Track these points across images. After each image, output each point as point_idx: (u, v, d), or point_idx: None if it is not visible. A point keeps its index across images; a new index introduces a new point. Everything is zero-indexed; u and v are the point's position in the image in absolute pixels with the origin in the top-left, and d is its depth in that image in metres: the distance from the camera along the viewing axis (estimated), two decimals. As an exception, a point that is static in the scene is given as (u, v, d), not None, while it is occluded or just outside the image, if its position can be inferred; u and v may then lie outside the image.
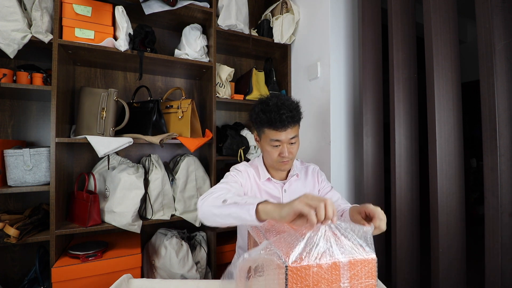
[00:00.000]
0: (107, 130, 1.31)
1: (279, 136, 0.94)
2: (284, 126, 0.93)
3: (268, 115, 0.93)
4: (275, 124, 0.92)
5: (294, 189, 1.07)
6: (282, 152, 0.96)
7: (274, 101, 0.95)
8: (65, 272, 1.15)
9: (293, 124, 0.95)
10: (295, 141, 0.98)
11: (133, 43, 1.38)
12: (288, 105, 0.94)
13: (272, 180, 1.06)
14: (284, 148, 0.95)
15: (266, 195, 1.05)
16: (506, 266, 0.83)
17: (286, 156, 0.96)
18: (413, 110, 1.19)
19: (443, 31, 1.01)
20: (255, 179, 1.06)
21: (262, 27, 1.74)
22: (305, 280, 0.54)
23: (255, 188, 1.05)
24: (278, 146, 0.96)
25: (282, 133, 0.94)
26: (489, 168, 0.86)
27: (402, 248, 1.14)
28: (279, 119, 0.91)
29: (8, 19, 1.13)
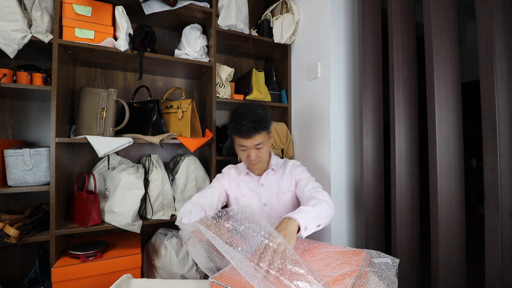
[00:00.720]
0: (107, 130, 1.31)
1: (244, 142, 1.05)
2: (247, 135, 1.03)
3: (234, 124, 1.05)
4: (239, 133, 1.04)
5: (270, 183, 1.17)
6: (249, 155, 1.07)
7: (241, 111, 1.05)
8: (65, 272, 1.15)
9: (256, 133, 1.03)
10: (262, 147, 1.07)
11: (133, 43, 1.38)
12: (251, 116, 1.02)
13: (250, 174, 1.19)
14: (251, 152, 1.07)
15: (245, 188, 1.17)
16: (506, 266, 0.83)
17: (253, 159, 1.08)
18: (413, 110, 1.19)
19: (443, 31, 1.01)
20: (235, 177, 1.20)
21: (262, 27, 1.74)
22: None
23: (235, 185, 1.18)
24: (245, 150, 1.08)
25: (247, 140, 1.04)
26: (489, 168, 0.86)
27: (402, 248, 1.14)
28: (241, 129, 1.02)
29: (8, 19, 1.12)
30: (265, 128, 1.06)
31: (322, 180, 1.40)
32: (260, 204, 1.15)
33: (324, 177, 1.40)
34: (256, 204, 1.15)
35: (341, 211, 1.38)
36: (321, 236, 1.39)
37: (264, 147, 1.08)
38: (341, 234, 1.38)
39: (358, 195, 1.43)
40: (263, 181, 1.16)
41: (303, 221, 0.80)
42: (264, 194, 1.15)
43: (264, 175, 1.16)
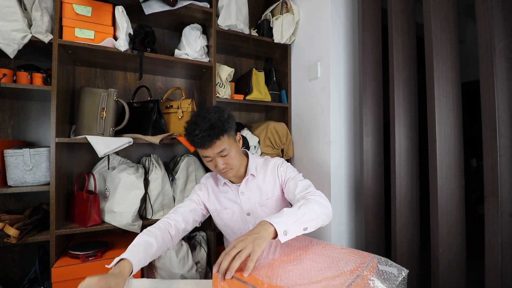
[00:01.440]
0: (107, 130, 1.31)
1: (206, 153, 0.95)
2: (203, 146, 0.92)
3: (187, 136, 0.95)
4: (195, 144, 0.94)
5: (250, 190, 1.07)
6: (216, 165, 0.97)
7: (192, 120, 0.95)
8: (65, 272, 1.15)
9: (211, 141, 0.92)
10: (227, 153, 0.96)
11: (133, 43, 1.38)
12: (203, 124, 0.91)
13: (227, 184, 1.08)
14: (217, 161, 0.96)
15: (225, 200, 1.08)
16: (506, 266, 0.83)
17: (222, 168, 0.97)
18: (413, 110, 1.19)
19: (443, 31, 1.01)
20: (213, 188, 1.11)
21: (262, 27, 1.74)
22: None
23: (213, 197, 1.10)
24: (211, 161, 0.98)
25: (207, 150, 0.94)
26: (489, 168, 0.86)
27: (402, 248, 1.14)
28: (194, 140, 0.92)
29: (8, 19, 1.12)
30: (223, 132, 0.93)
31: (322, 180, 1.40)
32: (243, 215, 1.07)
33: (324, 177, 1.40)
34: (238, 216, 1.08)
35: (341, 211, 1.38)
36: (320, 236, 1.39)
37: (230, 152, 0.96)
38: (341, 234, 1.38)
39: (358, 195, 1.43)
40: (242, 189, 1.06)
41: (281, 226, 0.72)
42: (246, 203, 1.06)
43: (243, 182, 1.06)
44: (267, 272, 0.62)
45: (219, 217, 1.11)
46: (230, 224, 1.11)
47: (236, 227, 1.11)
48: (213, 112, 0.94)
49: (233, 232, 1.14)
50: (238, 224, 1.10)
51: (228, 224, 1.11)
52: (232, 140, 0.98)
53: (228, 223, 1.11)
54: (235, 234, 1.13)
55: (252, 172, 1.06)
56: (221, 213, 1.10)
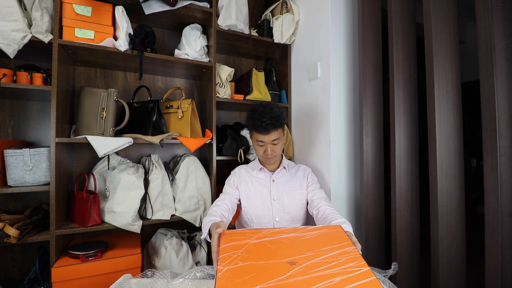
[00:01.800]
0: (107, 130, 1.31)
1: (262, 138, 1.15)
2: (266, 131, 1.12)
3: (253, 121, 1.14)
4: (258, 129, 1.13)
5: (281, 180, 1.24)
6: (266, 150, 1.16)
7: (260, 109, 1.14)
8: (65, 272, 1.15)
9: (274, 129, 1.13)
10: (277, 142, 1.17)
11: (133, 43, 1.38)
12: (270, 114, 1.12)
13: (263, 169, 1.25)
14: (268, 147, 1.16)
15: (257, 183, 1.24)
16: (506, 266, 0.83)
17: (269, 154, 1.16)
18: (413, 110, 1.19)
19: (443, 31, 1.01)
20: (247, 173, 1.27)
21: (262, 27, 1.74)
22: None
23: (247, 181, 1.25)
24: (263, 146, 1.17)
25: (265, 136, 1.14)
26: (489, 168, 0.86)
27: (402, 248, 1.14)
28: (261, 125, 1.11)
29: (8, 19, 1.12)
30: (281, 125, 1.16)
31: (322, 180, 1.40)
32: (270, 199, 1.20)
33: (324, 177, 1.40)
34: (265, 198, 1.20)
35: (341, 211, 1.38)
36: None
37: (279, 143, 1.17)
38: (341, 234, 1.38)
39: (358, 195, 1.43)
40: (274, 177, 1.23)
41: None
42: (275, 190, 1.21)
43: (276, 172, 1.24)
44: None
45: (247, 197, 1.22)
46: (256, 205, 1.21)
47: (261, 209, 1.20)
48: (276, 108, 1.16)
49: (257, 215, 1.21)
50: (263, 206, 1.20)
51: (255, 204, 1.21)
52: (282, 134, 1.19)
53: (255, 204, 1.21)
54: (259, 217, 1.20)
55: (285, 166, 1.26)
56: (250, 193, 1.22)
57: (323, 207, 1.10)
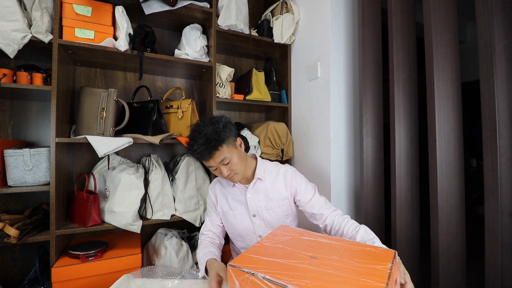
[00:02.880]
0: (107, 130, 1.31)
1: (208, 163, 1.00)
2: (204, 158, 0.97)
3: (189, 152, 1.02)
4: (197, 158, 1.00)
5: (257, 193, 1.10)
6: (221, 172, 1.01)
7: (191, 136, 1.00)
8: (65, 272, 1.15)
9: (212, 152, 0.95)
10: (228, 161, 0.99)
11: (133, 43, 1.38)
12: (199, 139, 0.95)
13: (236, 185, 1.11)
14: (221, 169, 1.00)
15: (233, 201, 1.13)
16: (506, 266, 0.83)
17: (227, 175, 1.01)
18: (413, 110, 1.19)
19: (443, 31, 1.01)
20: (222, 191, 1.15)
21: (262, 27, 1.74)
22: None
23: (222, 198, 1.15)
24: (216, 169, 1.02)
25: (209, 161, 0.98)
26: (489, 168, 0.86)
27: (402, 248, 1.14)
28: (195, 155, 0.98)
29: (8, 19, 1.12)
30: (221, 143, 0.96)
31: (322, 180, 1.40)
32: (249, 216, 1.11)
33: (324, 177, 1.40)
34: (244, 216, 1.11)
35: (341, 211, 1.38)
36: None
37: (231, 159, 0.99)
38: (341, 234, 1.38)
39: (358, 195, 1.43)
40: (249, 192, 1.09)
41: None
42: (252, 205, 1.09)
43: (250, 185, 1.09)
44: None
45: (226, 218, 1.14)
46: (236, 225, 1.13)
47: (242, 227, 1.12)
48: (209, 125, 0.98)
49: (239, 234, 1.14)
50: (243, 224, 1.12)
51: (235, 225, 1.13)
52: (232, 148, 1.01)
53: (235, 224, 1.13)
54: (241, 236, 1.14)
55: (259, 176, 1.09)
56: (228, 214, 1.13)
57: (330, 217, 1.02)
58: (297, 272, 0.59)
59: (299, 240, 0.76)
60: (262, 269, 0.60)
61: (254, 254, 0.68)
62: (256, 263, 0.64)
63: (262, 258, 0.66)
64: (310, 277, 0.58)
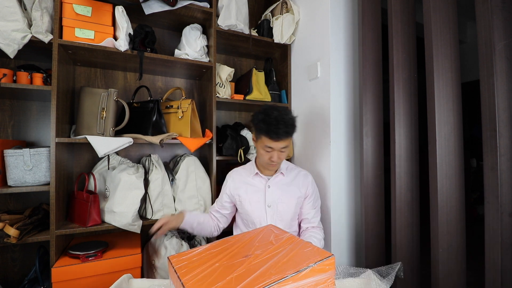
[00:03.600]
0: (107, 130, 1.31)
1: (272, 144, 1.10)
2: (279, 138, 1.08)
3: (267, 126, 1.07)
4: (272, 135, 1.07)
5: (277, 186, 1.21)
6: (272, 156, 1.12)
7: (275, 114, 1.08)
8: (65, 272, 1.15)
9: (287, 137, 1.10)
10: (285, 150, 1.13)
11: (133, 43, 1.38)
12: (286, 121, 1.08)
13: (259, 174, 1.23)
14: (275, 154, 1.11)
15: (251, 189, 1.21)
16: (506, 266, 0.83)
17: (275, 160, 1.12)
18: (413, 110, 1.19)
19: (443, 31, 1.01)
20: (242, 179, 1.25)
21: (262, 27, 1.74)
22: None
23: (241, 187, 1.23)
24: (269, 152, 1.12)
25: (276, 143, 1.09)
26: (489, 168, 0.85)
27: (402, 247, 1.14)
28: (275, 131, 1.06)
29: (8, 19, 1.12)
30: (293, 134, 1.13)
31: (321, 180, 1.40)
32: (264, 205, 1.19)
33: (324, 177, 1.40)
34: (260, 204, 1.19)
35: (341, 211, 1.38)
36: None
37: (286, 150, 1.14)
38: (340, 234, 1.38)
39: (358, 195, 1.43)
40: (271, 183, 1.20)
41: None
42: (270, 196, 1.19)
43: (273, 177, 1.21)
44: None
45: (242, 205, 1.21)
46: (250, 213, 1.20)
47: (255, 215, 1.19)
48: (290, 114, 1.14)
49: (251, 221, 1.21)
50: (258, 213, 1.19)
51: (249, 212, 1.20)
52: (291, 141, 1.18)
53: (249, 212, 1.20)
54: (254, 223, 1.20)
55: (282, 171, 1.22)
56: (244, 201, 1.21)
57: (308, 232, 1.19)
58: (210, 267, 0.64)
59: (255, 240, 0.80)
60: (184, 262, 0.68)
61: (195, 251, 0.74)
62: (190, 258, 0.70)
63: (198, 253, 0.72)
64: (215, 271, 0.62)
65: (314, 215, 1.24)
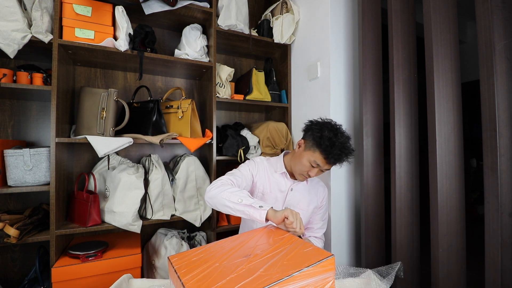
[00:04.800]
0: (107, 130, 1.31)
1: (323, 164, 1.06)
2: (332, 164, 1.05)
3: (331, 148, 1.02)
4: (331, 158, 1.03)
5: (299, 191, 1.19)
6: (312, 172, 1.08)
7: (342, 140, 1.04)
8: (65, 272, 1.15)
9: (341, 163, 1.07)
10: (325, 172, 1.13)
11: (133, 43, 1.38)
12: (349, 151, 1.05)
13: (285, 175, 1.18)
14: (316, 171, 1.08)
15: (275, 186, 1.18)
16: (506, 266, 0.83)
17: (312, 176, 1.09)
18: (413, 110, 1.19)
19: (443, 31, 1.01)
20: (268, 171, 1.19)
21: (262, 27, 1.74)
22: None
23: (265, 179, 1.17)
24: (314, 168, 1.08)
25: (327, 165, 1.06)
26: (489, 168, 0.85)
27: (402, 248, 1.14)
28: (337, 158, 1.03)
29: (8, 19, 1.12)
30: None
31: (321, 180, 1.40)
32: (282, 206, 1.18)
33: (324, 177, 1.40)
34: (278, 204, 1.18)
35: (341, 211, 1.38)
36: (321, 236, 1.39)
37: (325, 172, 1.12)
38: (340, 234, 1.38)
39: (358, 195, 1.43)
40: (294, 187, 1.18)
41: None
42: (290, 199, 1.18)
43: (296, 183, 1.19)
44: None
45: (264, 198, 1.17)
46: None
47: None
48: (350, 142, 1.07)
49: None
50: None
51: None
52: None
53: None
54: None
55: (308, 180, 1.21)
56: (267, 195, 1.17)
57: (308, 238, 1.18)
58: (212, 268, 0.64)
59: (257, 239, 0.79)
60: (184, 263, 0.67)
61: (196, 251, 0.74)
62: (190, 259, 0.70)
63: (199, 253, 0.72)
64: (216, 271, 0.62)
65: (321, 227, 1.25)
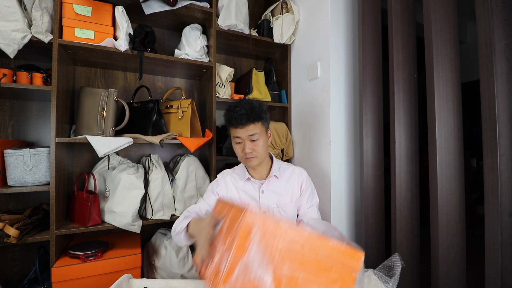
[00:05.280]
0: (107, 130, 1.31)
1: (238, 133, 1.03)
2: (241, 124, 1.01)
3: (228, 114, 1.05)
4: (232, 121, 1.03)
5: (271, 190, 1.12)
6: (244, 148, 1.04)
7: (236, 102, 1.06)
8: (65, 272, 1.15)
9: (249, 121, 1.01)
10: (257, 138, 1.04)
11: (133, 43, 1.38)
12: (244, 105, 1.02)
13: (251, 180, 1.13)
14: (246, 145, 1.03)
15: (244, 195, 1.12)
16: (506, 266, 0.83)
17: (248, 153, 1.04)
18: (413, 110, 1.19)
19: (443, 31, 1.01)
20: (234, 183, 1.14)
21: (262, 27, 1.74)
22: None
23: (233, 191, 1.13)
24: (240, 143, 1.05)
25: (241, 130, 1.02)
26: (489, 168, 0.85)
27: (402, 248, 1.14)
28: (234, 116, 1.01)
29: (8, 19, 1.12)
30: (260, 119, 1.04)
31: (322, 180, 1.40)
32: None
33: (324, 177, 1.40)
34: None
35: (341, 211, 1.38)
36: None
37: (259, 139, 1.04)
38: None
39: (358, 195, 1.43)
40: (264, 188, 1.11)
41: None
42: (265, 201, 1.11)
43: (266, 181, 1.11)
44: None
45: None
46: None
47: None
48: (256, 102, 1.06)
49: None
50: None
51: None
52: (264, 130, 1.07)
53: None
54: None
55: (276, 174, 1.12)
56: None
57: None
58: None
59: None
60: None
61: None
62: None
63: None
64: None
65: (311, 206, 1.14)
